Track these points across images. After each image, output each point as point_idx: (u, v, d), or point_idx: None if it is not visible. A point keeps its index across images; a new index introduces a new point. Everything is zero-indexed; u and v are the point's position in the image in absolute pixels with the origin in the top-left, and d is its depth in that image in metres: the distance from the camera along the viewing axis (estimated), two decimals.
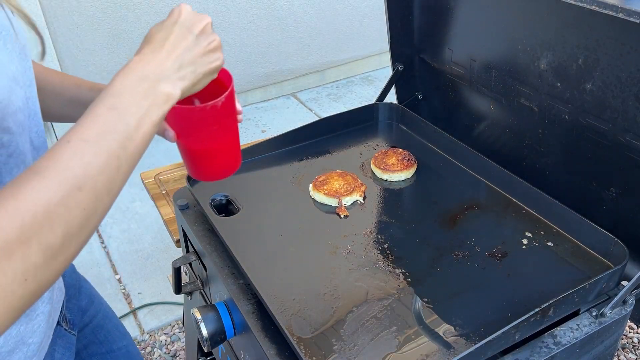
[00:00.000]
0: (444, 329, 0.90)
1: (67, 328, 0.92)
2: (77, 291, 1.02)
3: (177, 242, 1.52)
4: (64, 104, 0.91)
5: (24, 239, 0.51)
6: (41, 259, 0.53)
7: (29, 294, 0.53)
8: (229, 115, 0.78)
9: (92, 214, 0.57)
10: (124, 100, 0.61)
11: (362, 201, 1.20)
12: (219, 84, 0.79)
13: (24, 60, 0.70)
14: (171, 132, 0.76)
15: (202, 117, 0.75)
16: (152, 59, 0.65)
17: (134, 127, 0.61)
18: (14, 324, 0.73)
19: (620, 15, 0.85)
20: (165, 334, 2.17)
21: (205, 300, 1.22)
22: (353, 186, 1.21)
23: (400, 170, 1.26)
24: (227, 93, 0.75)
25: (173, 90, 0.65)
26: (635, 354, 1.97)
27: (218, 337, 0.99)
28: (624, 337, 2.02)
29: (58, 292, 0.88)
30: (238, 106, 0.82)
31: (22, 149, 0.68)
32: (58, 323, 0.90)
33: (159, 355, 2.09)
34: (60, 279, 0.91)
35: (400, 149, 1.33)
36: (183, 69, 0.67)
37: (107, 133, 0.59)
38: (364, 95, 3.74)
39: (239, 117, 0.83)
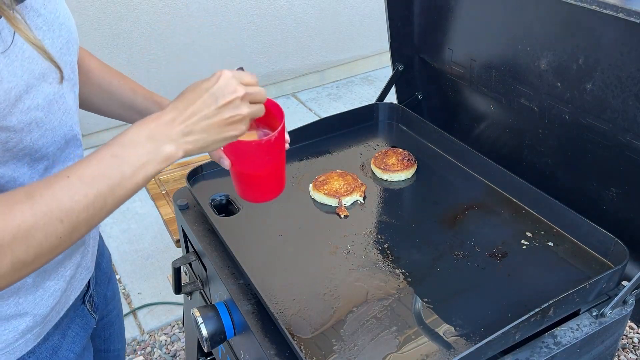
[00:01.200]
0: (444, 329, 0.90)
1: (90, 309, 0.95)
2: (107, 280, 1.06)
3: (177, 242, 1.52)
4: (116, 105, 0.96)
5: None
6: (9, 270, 0.60)
7: None
8: (279, 147, 0.85)
9: (66, 241, 0.64)
10: (127, 151, 0.67)
11: (362, 201, 1.20)
12: (270, 114, 0.85)
13: (65, 54, 0.74)
14: (226, 161, 0.84)
15: (256, 150, 0.82)
16: (169, 120, 0.70)
17: (128, 176, 0.66)
18: (10, 294, 0.78)
19: (620, 15, 0.85)
20: (165, 334, 2.17)
21: (205, 300, 1.22)
22: (353, 186, 1.21)
23: (400, 170, 1.26)
24: (279, 129, 0.82)
25: (176, 152, 0.70)
26: (636, 354, 1.97)
27: (218, 337, 0.99)
28: (624, 337, 2.01)
29: (84, 270, 0.91)
30: (286, 136, 0.89)
31: (27, 144, 0.70)
32: (83, 302, 0.93)
33: (159, 356, 2.09)
34: (90, 259, 0.93)
35: (400, 149, 1.33)
36: (192, 135, 0.71)
37: (102, 177, 0.65)
38: (364, 95, 3.74)
39: (286, 145, 0.90)
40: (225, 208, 1.21)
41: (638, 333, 2.04)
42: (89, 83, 0.92)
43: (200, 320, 0.98)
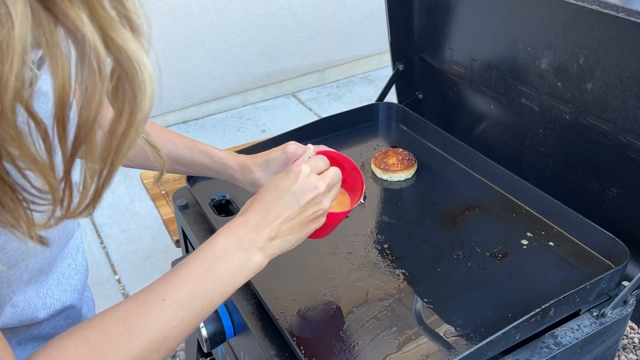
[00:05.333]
0: (445, 329, 0.90)
1: None
2: None
3: (177, 242, 1.52)
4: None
5: None
6: None
7: None
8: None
9: None
10: (220, 265, 0.65)
11: (362, 201, 1.20)
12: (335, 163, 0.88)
13: None
14: None
15: (337, 215, 0.84)
16: (255, 225, 0.69)
17: (220, 292, 0.65)
18: None
19: (621, 14, 0.85)
20: None
21: None
22: None
23: (401, 170, 1.26)
24: (360, 199, 0.87)
25: (263, 261, 0.69)
26: (636, 355, 1.97)
27: (218, 337, 0.99)
28: (624, 337, 2.01)
29: None
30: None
31: (43, 262, 0.66)
32: None
33: None
34: None
35: (401, 149, 1.33)
36: (278, 238, 0.71)
37: (197, 297, 0.62)
38: (364, 95, 3.73)
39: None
40: (225, 208, 1.21)
41: (639, 333, 2.04)
42: None
43: None
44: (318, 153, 0.89)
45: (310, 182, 0.73)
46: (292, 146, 0.91)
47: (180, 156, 0.93)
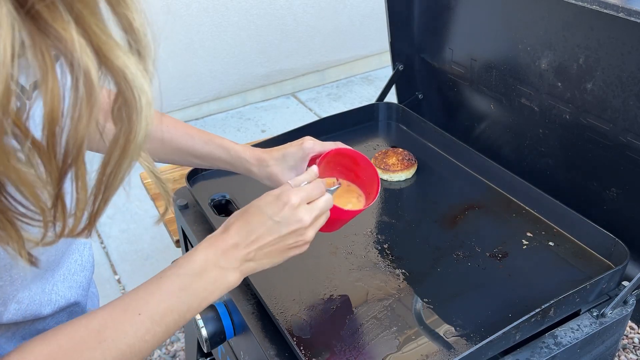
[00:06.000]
0: (445, 329, 0.90)
1: None
2: None
3: (177, 242, 1.51)
4: (169, 152, 0.93)
5: None
6: None
7: None
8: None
9: None
10: (196, 282, 0.67)
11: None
12: (346, 157, 0.93)
13: None
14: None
15: (350, 213, 0.88)
16: (233, 244, 0.70)
17: (194, 308, 0.67)
18: None
19: (621, 14, 0.85)
20: None
21: None
22: None
23: (401, 170, 1.26)
24: (374, 201, 0.89)
25: (237, 281, 0.71)
26: (636, 355, 1.97)
27: (218, 337, 0.99)
28: (624, 337, 2.01)
29: None
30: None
31: (22, 275, 0.66)
32: None
33: (159, 356, 2.09)
34: None
35: (401, 149, 1.33)
36: (253, 261, 0.72)
37: (171, 314, 0.64)
38: (364, 95, 3.73)
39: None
40: (225, 208, 1.21)
41: (638, 333, 2.04)
42: None
43: (200, 320, 0.98)
44: (335, 150, 0.90)
45: (296, 215, 0.73)
46: (309, 142, 0.91)
47: (197, 150, 0.93)
